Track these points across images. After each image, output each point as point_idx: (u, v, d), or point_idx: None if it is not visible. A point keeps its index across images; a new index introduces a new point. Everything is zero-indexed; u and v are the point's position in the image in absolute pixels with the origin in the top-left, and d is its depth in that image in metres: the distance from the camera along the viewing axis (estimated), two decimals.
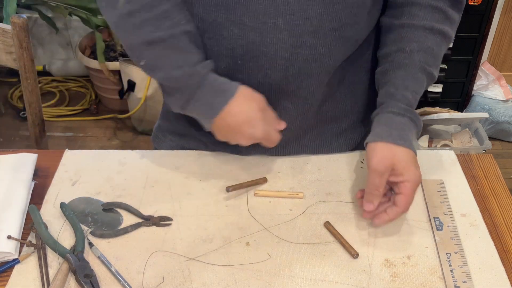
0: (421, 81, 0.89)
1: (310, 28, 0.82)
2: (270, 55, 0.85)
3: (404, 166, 0.81)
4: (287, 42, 0.83)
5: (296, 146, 1.00)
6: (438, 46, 0.89)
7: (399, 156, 0.82)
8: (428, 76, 0.90)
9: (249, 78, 0.88)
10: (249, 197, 0.91)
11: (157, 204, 0.89)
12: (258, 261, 0.80)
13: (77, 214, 0.87)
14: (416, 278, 0.78)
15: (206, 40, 0.86)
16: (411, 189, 0.81)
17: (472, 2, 2.17)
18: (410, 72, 0.88)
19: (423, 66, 0.88)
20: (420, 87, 0.89)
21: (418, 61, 0.88)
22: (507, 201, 0.92)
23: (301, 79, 0.88)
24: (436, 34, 0.89)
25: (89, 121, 2.58)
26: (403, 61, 0.89)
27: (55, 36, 2.68)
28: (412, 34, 0.89)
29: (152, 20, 0.82)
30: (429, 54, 0.89)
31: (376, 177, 0.82)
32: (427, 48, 0.88)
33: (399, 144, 0.83)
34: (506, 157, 2.45)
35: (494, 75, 2.52)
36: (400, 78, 0.88)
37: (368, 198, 0.83)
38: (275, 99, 0.91)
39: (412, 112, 0.87)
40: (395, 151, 0.82)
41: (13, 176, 0.91)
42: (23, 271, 0.78)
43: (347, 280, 0.78)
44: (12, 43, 1.18)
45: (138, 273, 0.78)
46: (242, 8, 0.81)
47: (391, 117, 0.86)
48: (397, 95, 0.87)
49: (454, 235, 0.84)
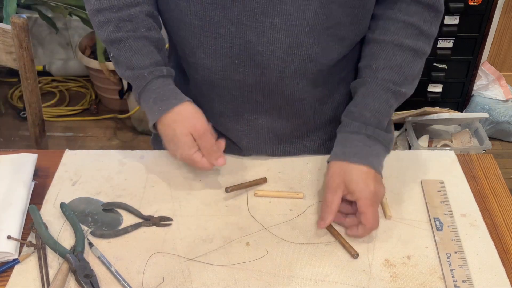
0: (383, 99, 0.88)
1: (306, 28, 0.83)
2: (267, 54, 0.85)
3: (354, 184, 0.82)
4: (284, 42, 0.84)
5: (297, 146, 1.00)
6: (408, 63, 0.88)
7: (350, 174, 0.83)
8: (395, 94, 0.89)
9: (246, 78, 0.88)
10: (249, 197, 0.91)
11: (157, 204, 0.89)
12: (258, 261, 0.80)
13: (77, 214, 0.87)
14: (416, 278, 0.78)
15: (203, 38, 0.87)
16: (366, 206, 0.81)
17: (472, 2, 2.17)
18: (372, 90, 0.88)
19: (386, 85, 0.88)
20: (383, 105, 0.88)
21: (381, 79, 0.88)
22: (507, 201, 0.92)
23: (297, 80, 0.88)
24: (406, 51, 0.88)
25: (89, 121, 2.58)
26: (367, 78, 0.89)
27: (55, 36, 2.68)
28: (381, 51, 0.89)
29: (116, 20, 0.88)
30: (395, 71, 0.88)
31: (328, 193, 0.84)
32: (394, 65, 0.88)
33: (352, 162, 0.84)
34: (506, 157, 2.45)
35: (494, 75, 2.52)
36: (361, 95, 0.89)
37: (321, 216, 0.84)
38: (272, 99, 0.91)
39: (370, 129, 0.87)
40: (346, 168, 0.83)
41: (13, 176, 0.91)
42: (23, 271, 0.78)
43: (347, 280, 0.78)
44: (12, 43, 1.17)
45: (138, 273, 0.78)
46: (240, 7, 0.82)
47: (346, 136, 0.88)
48: (355, 113, 0.88)
49: (454, 235, 0.84)
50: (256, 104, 0.93)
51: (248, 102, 0.93)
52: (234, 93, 0.92)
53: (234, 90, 0.91)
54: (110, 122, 2.58)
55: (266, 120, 0.95)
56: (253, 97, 0.92)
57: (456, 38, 2.26)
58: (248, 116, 0.95)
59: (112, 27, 0.88)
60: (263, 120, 0.95)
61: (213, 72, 0.89)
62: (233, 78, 0.89)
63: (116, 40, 0.88)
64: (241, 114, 0.95)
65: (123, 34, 0.88)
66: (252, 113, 0.95)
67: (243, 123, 0.96)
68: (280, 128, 0.97)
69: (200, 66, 0.90)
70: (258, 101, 0.92)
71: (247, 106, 0.94)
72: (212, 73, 0.90)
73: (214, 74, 0.90)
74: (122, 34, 0.88)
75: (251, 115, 0.95)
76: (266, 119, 0.95)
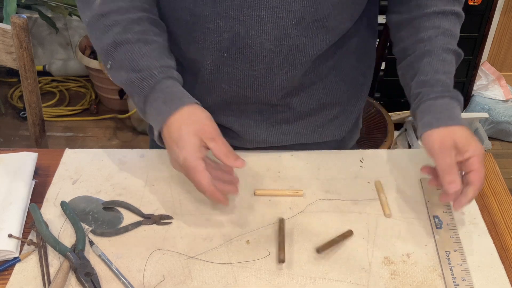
0: (449, 60, 0.89)
1: (293, 20, 0.84)
2: (255, 47, 0.86)
3: (466, 143, 0.81)
4: (271, 34, 0.85)
5: (289, 133, 1.02)
6: (454, 25, 0.91)
7: (457, 134, 0.81)
8: (455, 54, 0.91)
9: (235, 70, 0.90)
10: (249, 196, 0.91)
11: (158, 203, 0.90)
12: (258, 259, 0.80)
13: (77, 212, 0.87)
14: (416, 276, 0.78)
15: (194, 33, 0.88)
16: (480, 163, 0.80)
17: (472, 2, 2.17)
18: (435, 56, 0.89)
19: (445, 47, 0.89)
20: (450, 66, 0.90)
21: (439, 44, 0.89)
22: (506, 200, 0.92)
23: (285, 70, 0.90)
24: (449, 16, 0.91)
25: (89, 121, 2.58)
26: (425, 48, 0.90)
27: (55, 36, 2.69)
28: (426, 23, 0.91)
29: (123, 22, 0.85)
30: (447, 35, 0.90)
31: (446, 157, 0.80)
32: (444, 31, 0.90)
33: (451, 125, 0.82)
34: (506, 157, 2.45)
35: (494, 75, 2.52)
36: (427, 64, 0.88)
37: (448, 179, 0.79)
38: (261, 93, 0.93)
39: (449, 90, 0.87)
40: (450, 132, 0.82)
41: (14, 175, 0.91)
42: (24, 270, 0.78)
43: (346, 278, 0.78)
44: (12, 43, 1.18)
45: (139, 271, 0.78)
46: (228, 1, 0.83)
47: (432, 103, 0.86)
48: (430, 80, 0.87)
49: (454, 233, 0.84)
50: (246, 98, 0.95)
51: (238, 96, 0.95)
52: (223, 86, 0.93)
53: (224, 83, 0.93)
54: (110, 122, 2.58)
55: (256, 109, 0.98)
56: (242, 92, 0.94)
57: None
58: (239, 107, 0.98)
59: (120, 28, 0.84)
60: (253, 109, 0.98)
61: (203, 66, 0.91)
62: (223, 71, 0.90)
63: (123, 42, 0.84)
64: (231, 106, 0.98)
65: (132, 36, 0.84)
66: (242, 104, 0.97)
67: (233, 112, 0.99)
68: (270, 116, 0.99)
69: (191, 61, 0.92)
70: (247, 96, 0.94)
71: (236, 99, 0.96)
72: (203, 67, 0.91)
73: (204, 69, 0.91)
74: (132, 36, 0.84)
75: (241, 106, 0.98)
76: (256, 108, 0.98)
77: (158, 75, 0.83)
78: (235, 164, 0.80)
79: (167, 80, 0.84)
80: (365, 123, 1.98)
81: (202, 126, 0.80)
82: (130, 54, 0.84)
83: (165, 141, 0.83)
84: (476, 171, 0.79)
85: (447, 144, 0.81)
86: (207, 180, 0.78)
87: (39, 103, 1.26)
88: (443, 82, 0.87)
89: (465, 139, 0.81)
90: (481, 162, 0.80)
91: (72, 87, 2.75)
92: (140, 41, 0.85)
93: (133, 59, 0.84)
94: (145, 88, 0.84)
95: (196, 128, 0.80)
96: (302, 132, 1.02)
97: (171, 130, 0.81)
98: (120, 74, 0.86)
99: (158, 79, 0.83)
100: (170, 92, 0.83)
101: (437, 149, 0.81)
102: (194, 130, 0.79)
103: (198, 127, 0.80)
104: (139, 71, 0.84)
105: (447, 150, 0.80)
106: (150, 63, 0.84)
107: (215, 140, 0.80)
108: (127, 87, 0.86)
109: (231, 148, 0.81)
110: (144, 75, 0.83)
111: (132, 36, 0.84)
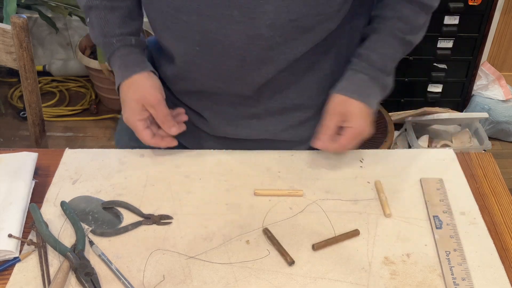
0: (391, 45, 0.94)
1: (267, 21, 0.83)
2: (226, 44, 0.86)
3: (353, 116, 0.91)
4: (242, 33, 0.84)
5: (258, 129, 1.02)
6: (414, 14, 0.94)
7: (350, 107, 0.91)
8: (402, 42, 0.94)
9: (207, 64, 0.91)
10: (249, 196, 0.91)
11: (158, 203, 0.90)
12: (258, 259, 0.80)
13: (77, 212, 0.87)
14: (416, 276, 0.78)
15: (168, 22, 0.89)
16: (352, 134, 0.90)
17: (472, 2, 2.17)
18: (381, 36, 0.94)
19: (394, 32, 0.93)
20: (391, 50, 0.94)
21: (390, 26, 0.94)
22: (506, 200, 0.92)
23: (258, 66, 0.89)
24: (413, 3, 0.93)
25: (89, 121, 2.58)
26: (377, 25, 0.95)
27: (55, 36, 2.69)
28: (391, 2, 0.94)
29: None
30: (403, 22, 0.93)
31: (327, 119, 0.92)
32: (402, 16, 0.93)
33: (352, 97, 0.91)
34: (506, 157, 2.45)
35: (494, 75, 2.52)
36: (372, 41, 0.95)
37: (318, 136, 0.93)
38: (233, 86, 0.93)
39: (375, 71, 0.93)
40: (347, 102, 0.92)
41: (14, 175, 0.91)
42: (24, 270, 0.78)
43: (346, 278, 0.78)
44: (12, 43, 1.18)
45: (139, 271, 0.78)
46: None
47: (352, 73, 0.94)
48: (363, 55, 0.94)
49: (454, 233, 0.84)
50: (218, 89, 0.96)
51: (210, 86, 0.96)
52: (196, 76, 0.95)
53: (196, 73, 0.94)
54: (110, 122, 2.58)
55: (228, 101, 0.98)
56: (214, 83, 0.94)
57: (456, 38, 2.26)
58: (210, 96, 0.99)
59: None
60: (225, 100, 0.98)
61: (176, 54, 0.94)
62: (195, 63, 0.92)
63: (93, 7, 0.94)
64: (204, 94, 0.99)
65: (100, 2, 0.94)
66: (214, 95, 0.98)
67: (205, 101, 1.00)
68: (241, 109, 0.99)
69: (166, 47, 0.96)
70: (219, 87, 0.95)
71: (209, 89, 0.97)
72: (176, 55, 0.94)
73: (177, 57, 0.94)
74: (99, 2, 0.94)
75: (213, 96, 0.98)
76: (228, 100, 0.98)
77: (116, 44, 0.95)
78: (170, 131, 0.93)
79: (124, 48, 0.96)
80: None
81: (145, 94, 0.92)
82: (98, 19, 0.95)
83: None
84: (344, 136, 0.91)
85: (337, 109, 0.92)
86: (147, 137, 0.93)
87: (39, 103, 1.26)
88: (372, 61, 0.93)
89: (353, 113, 0.91)
90: (353, 134, 0.91)
91: (72, 87, 2.75)
92: (106, 8, 0.94)
93: (100, 24, 0.95)
94: (107, 52, 0.97)
95: (139, 95, 0.92)
96: (271, 129, 1.02)
97: (121, 94, 0.96)
98: (94, 33, 0.98)
99: (116, 47, 0.96)
100: (125, 60, 0.96)
101: (328, 110, 0.93)
102: (137, 97, 0.92)
103: (141, 95, 0.92)
104: (104, 36, 0.96)
105: (334, 115, 0.92)
106: (112, 30, 0.95)
107: (154, 107, 0.92)
108: (98, 46, 0.99)
109: (169, 115, 0.93)
110: (106, 42, 0.96)
111: (99, 2, 0.94)
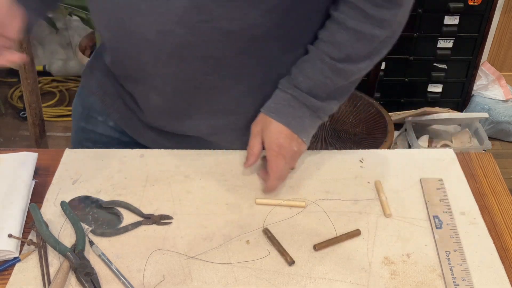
0: (318, 69, 0.88)
1: (175, 18, 0.82)
2: (138, 36, 0.86)
3: (267, 135, 0.91)
4: (152, 28, 0.84)
5: (189, 125, 0.99)
6: (352, 43, 0.87)
7: (267, 126, 0.91)
8: (332, 68, 0.88)
9: (124, 53, 0.91)
10: (249, 196, 0.91)
11: (158, 203, 0.90)
12: (258, 259, 0.80)
13: (77, 212, 0.87)
14: (416, 276, 0.78)
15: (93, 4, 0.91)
16: (270, 156, 0.90)
17: (472, 2, 2.17)
18: (311, 57, 0.90)
19: (323, 57, 0.88)
20: (317, 74, 0.88)
21: (321, 50, 0.88)
22: (506, 200, 0.92)
23: (174, 62, 0.87)
24: (349, 31, 0.86)
25: None
26: (311, 46, 0.90)
27: (55, 36, 2.69)
28: (329, 23, 0.88)
29: None
30: (336, 48, 0.87)
31: (251, 138, 0.93)
32: (335, 42, 0.87)
33: (270, 116, 0.91)
34: (506, 157, 2.45)
35: (494, 75, 2.52)
36: (303, 60, 0.91)
37: (246, 158, 0.93)
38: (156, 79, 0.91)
39: (301, 93, 0.90)
40: (266, 120, 0.91)
41: (14, 175, 0.91)
42: (24, 270, 0.78)
43: (346, 278, 0.78)
44: None
45: (139, 271, 0.78)
46: None
47: (277, 92, 0.92)
48: (292, 74, 0.91)
49: (454, 233, 0.84)
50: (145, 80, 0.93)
51: (136, 75, 0.94)
52: (121, 60, 0.95)
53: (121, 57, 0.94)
54: None
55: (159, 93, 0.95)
56: (136, 73, 0.93)
57: (456, 38, 2.27)
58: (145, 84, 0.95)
59: None
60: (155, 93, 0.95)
61: (103, 36, 0.95)
62: (114, 50, 0.93)
63: None
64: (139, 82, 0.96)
65: None
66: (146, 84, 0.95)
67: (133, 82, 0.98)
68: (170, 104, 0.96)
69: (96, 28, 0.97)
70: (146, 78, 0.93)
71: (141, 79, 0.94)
72: (104, 37, 0.96)
73: (105, 40, 0.96)
74: None
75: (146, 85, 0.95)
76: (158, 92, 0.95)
77: None
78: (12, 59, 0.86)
79: None
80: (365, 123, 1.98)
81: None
82: None
83: None
84: (268, 161, 0.90)
85: (256, 128, 0.92)
86: None
87: (39, 103, 1.26)
88: (298, 83, 0.90)
89: (267, 132, 0.91)
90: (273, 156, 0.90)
91: (72, 87, 2.75)
92: None
93: None
94: None
95: None
96: (203, 129, 0.99)
97: None
98: None
99: None
100: None
101: (251, 129, 0.93)
102: None
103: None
104: None
105: (254, 133, 0.93)
106: None
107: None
108: None
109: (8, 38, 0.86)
110: None
111: None
